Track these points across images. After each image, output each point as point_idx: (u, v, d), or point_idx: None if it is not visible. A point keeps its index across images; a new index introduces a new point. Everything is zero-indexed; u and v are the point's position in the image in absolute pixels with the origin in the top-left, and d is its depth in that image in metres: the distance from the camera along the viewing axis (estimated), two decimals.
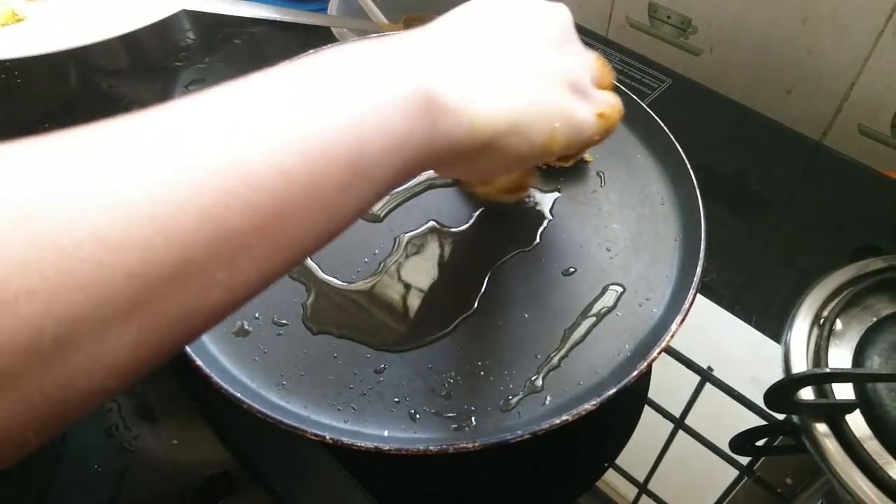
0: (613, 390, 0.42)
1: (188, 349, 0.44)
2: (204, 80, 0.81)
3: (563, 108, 0.38)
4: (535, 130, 0.36)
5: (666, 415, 0.52)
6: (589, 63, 0.41)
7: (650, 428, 0.51)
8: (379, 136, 0.29)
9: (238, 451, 0.50)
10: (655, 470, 0.50)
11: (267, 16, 0.84)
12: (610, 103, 0.42)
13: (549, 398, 0.44)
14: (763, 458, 0.50)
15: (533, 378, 0.45)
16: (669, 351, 0.55)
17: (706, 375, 0.54)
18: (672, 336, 0.44)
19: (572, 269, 0.51)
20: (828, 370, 0.50)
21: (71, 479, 0.49)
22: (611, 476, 0.49)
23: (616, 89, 0.60)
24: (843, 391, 0.50)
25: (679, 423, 0.52)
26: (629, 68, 0.79)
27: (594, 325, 0.48)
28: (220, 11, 0.81)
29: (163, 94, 0.80)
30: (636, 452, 0.50)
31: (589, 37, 0.84)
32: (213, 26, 0.83)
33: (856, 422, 0.49)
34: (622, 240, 0.53)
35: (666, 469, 0.50)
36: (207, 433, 0.51)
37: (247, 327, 0.48)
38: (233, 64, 0.84)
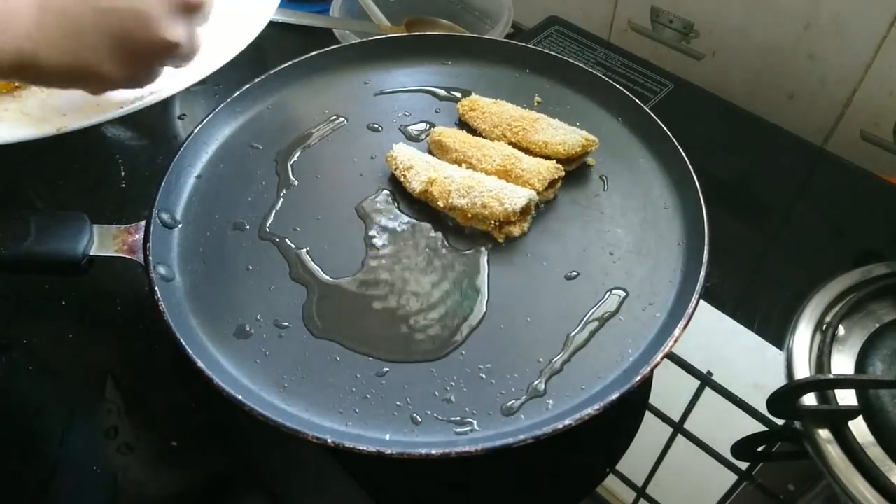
0: (616, 395, 0.41)
1: (190, 351, 0.43)
2: (204, 81, 0.80)
3: (146, 41, 0.48)
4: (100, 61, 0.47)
5: (665, 419, 0.52)
6: None
7: (649, 432, 0.51)
8: None
9: (238, 453, 0.50)
10: (654, 474, 0.49)
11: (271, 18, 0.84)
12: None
13: (551, 402, 0.44)
14: (762, 464, 0.50)
15: (535, 382, 0.45)
16: (669, 355, 0.55)
17: (706, 380, 0.54)
18: (675, 341, 0.44)
19: (575, 274, 0.51)
20: (831, 376, 0.50)
21: (70, 481, 0.48)
22: (609, 480, 0.49)
23: (619, 93, 0.61)
24: (846, 397, 0.50)
25: (678, 428, 0.51)
26: (632, 72, 0.79)
27: (597, 330, 0.48)
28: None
29: None
30: (635, 457, 0.50)
31: (591, 41, 0.84)
32: None
33: (858, 428, 0.49)
34: (625, 244, 0.52)
35: (665, 474, 0.49)
36: (208, 435, 0.51)
37: (248, 329, 0.47)
38: (234, 65, 0.84)
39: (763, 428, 0.51)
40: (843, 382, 0.50)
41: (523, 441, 0.40)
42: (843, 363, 0.53)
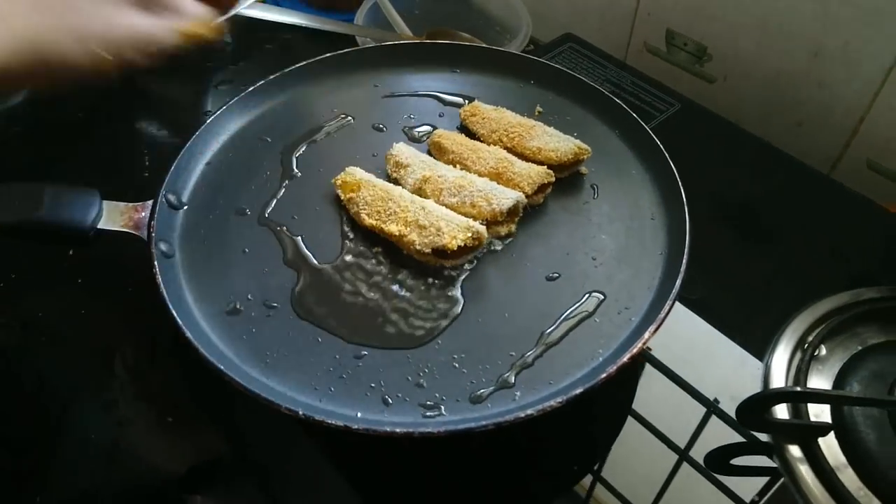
0: (580, 390, 0.43)
1: (180, 322, 0.46)
2: (232, 81, 0.84)
3: (104, 31, 0.43)
4: (63, 53, 0.41)
5: (671, 445, 0.52)
6: None
7: (654, 458, 0.51)
8: None
9: (231, 433, 0.52)
10: (659, 502, 0.50)
11: (298, 22, 0.87)
12: (200, 16, 0.45)
13: (518, 394, 0.45)
14: (770, 492, 0.49)
15: (506, 374, 0.46)
16: (676, 380, 0.55)
17: (712, 406, 0.54)
18: (644, 343, 0.45)
19: (556, 275, 0.52)
20: (798, 389, 0.51)
21: (68, 450, 0.51)
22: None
23: (617, 106, 0.62)
24: (821, 415, 0.50)
25: (683, 455, 0.51)
26: (641, 91, 0.80)
27: (572, 329, 0.49)
28: (257, 17, 0.84)
29: (195, 93, 0.84)
30: (640, 482, 0.50)
31: (603, 58, 0.85)
32: (246, 30, 0.86)
33: (830, 449, 0.49)
34: (609, 250, 0.54)
35: (670, 500, 0.50)
36: (202, 414, 0.53)
37: (239, 307, 0.50)
38: (263, 66, 0.88)
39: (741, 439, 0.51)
40: (814, 396, 0.50)
41: (485, 427, 0.41)
42: (820, 382, 0.53)
